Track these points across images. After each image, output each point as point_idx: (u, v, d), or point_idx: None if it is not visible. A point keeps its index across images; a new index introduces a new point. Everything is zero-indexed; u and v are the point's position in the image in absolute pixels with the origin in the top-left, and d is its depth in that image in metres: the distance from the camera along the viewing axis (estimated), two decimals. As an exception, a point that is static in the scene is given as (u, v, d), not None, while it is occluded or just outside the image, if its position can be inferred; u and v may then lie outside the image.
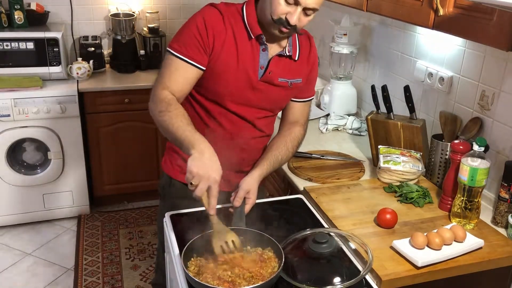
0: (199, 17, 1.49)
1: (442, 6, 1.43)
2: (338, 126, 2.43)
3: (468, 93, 1.87)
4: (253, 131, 1.65)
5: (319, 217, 1.61)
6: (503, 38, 1.24)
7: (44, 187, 3.18)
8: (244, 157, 1.66)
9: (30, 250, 3.01)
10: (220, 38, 1.49)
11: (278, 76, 1.56)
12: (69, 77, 3.21)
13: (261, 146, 1.72)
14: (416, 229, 1.55)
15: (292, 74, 1.59)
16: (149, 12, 3.60)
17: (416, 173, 1.82)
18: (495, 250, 1.46)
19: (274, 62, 1.54)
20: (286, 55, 1.56)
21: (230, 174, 1.60)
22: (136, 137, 3.34)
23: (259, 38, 1.51)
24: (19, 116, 2.96)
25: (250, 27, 1.51)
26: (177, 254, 1.38)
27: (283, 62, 1.57)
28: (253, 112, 1.61)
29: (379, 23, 2.44)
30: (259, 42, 1.52)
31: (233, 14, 1.52)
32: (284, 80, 1.57)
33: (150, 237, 3.19)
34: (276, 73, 1.55)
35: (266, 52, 1.53)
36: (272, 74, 1.54)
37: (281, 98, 1.64)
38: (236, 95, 1.55)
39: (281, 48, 1.56)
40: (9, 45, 3.00)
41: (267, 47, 1.53)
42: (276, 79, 1.56)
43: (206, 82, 1.54)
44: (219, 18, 1.49)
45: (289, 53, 1.56)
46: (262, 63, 1.53)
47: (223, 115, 1.59)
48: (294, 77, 1.60)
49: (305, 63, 1.63)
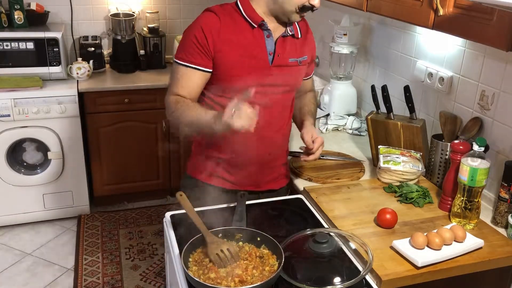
0: (197, 26, 1.56)
1: (442, 6, 1.43)
2: (338, 126, 2.43)
3: (468, 93, 1.87)
4: (275, 123, 1.69)
5: (319, 217, 1.61)
6: (503, 38, 1.24)
7: (44, 187, 3.18)
8: (270, 151, 1.71)
9: (30, 250, 3.01)
10: (221, 39, 1.54)
11: (288, 56, 1.63)
12: (69, 77, 3.21)
13: (282, 141, 1.78)
14: (416, 229, 1.55)
15: (298, 53, 1.66)
16: (149, 12, 3.60)
17: (416, 173, 1.82)
18: (495, 250, 1.46)
19: (279, 44, 1.61)
20: (289, 35, 1.63)
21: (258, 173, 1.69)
22: (136, 137, 3.34)
23: (262, 25, 1.57)
24: (19, 116, 2.96)
25: (250, 18, 1.57)
26: (177, 254, 1.39)
27: (288, 42, 1.63)
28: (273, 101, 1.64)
29: (379, 23, 2.44)
30: (262, 29, 1.58)
31: (229, 12, 1.58)
32: (293, 60, 1.65)
33: (150, 237, 3.19)
34: (285, 54, 1.62)
35: (271, 38, 1.60)
36: (281, 56, 1.61)
37: (295, 76, 1.70)
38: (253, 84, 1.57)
39: (283, 30, 1.63)
40: (9, 45, 3.00)
41: (271, 32, 1.59)
42: (287, 60, 1.63)
43: (220, 82, 1.60)
44: (215, 21, 1.55)
45: (291, 32, 1.64)
46: (269, 49, 1.59)
47: None
48: (301, 55, 1.67)
49: (306, 40, 1.71)
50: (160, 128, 3.37)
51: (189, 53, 1.56)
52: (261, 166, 1.71)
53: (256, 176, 1.71)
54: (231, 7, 1.59)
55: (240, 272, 1.26)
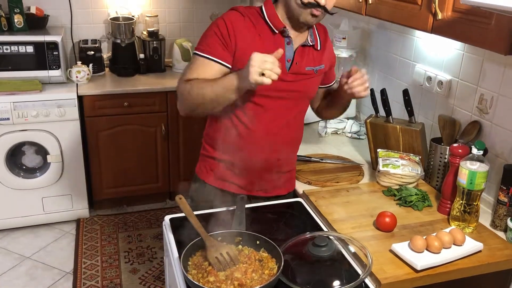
0: (220, 20, 1.56)
1: (441, 10, 1.44)
2: (337, 129, 2.43)
3: (466, 96, 1.88)
4: (286, 130, 1.68)
5: (319, 221, 1.61)
6: (502, 42, 1.25)
7: (43, 190, 3.17)
8: (279, 157, 1.70)
9: (29, 253, 3.01)
10: (243, 36, 1.54)
11: (305, 65, 1.63)
12: (69, 81, 3.21)
13: (292, 148, 1.78)
14: (415, 232, 1.55)
15: (315, 61, 1.67)
16: (149, 15, 3.61)
17: (415, 176, 1.82)
18: (494, 254, 1.46)
19: (299, 53, 1.61)
20: (309, 45, 1.63)
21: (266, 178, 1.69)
22: (135, 141, 3.34)
23: (283, 32, 1.58)
24: (18, 119, 2.96)
25: (272, 23, 1.57)
26: (176, 257, 1.38)
27: (306, 51, 1.63)
28: (286, 107, 1.65)
29: (378, 27, 2.45)
30: (283, 35, 1.58)
31: (254, 14, 1.58)
32: (310, 68, 1.65)
33: (149, 240, 3.19)
34: (302, 62, 1.62)
35: (291, 45, 1.60)
36: (299, 64, 1.61)
37: (310, 85, 1.70)
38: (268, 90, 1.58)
39: (304, 39, 1.63)
40: (8, 49, 3.01)
41: (291, 40, 1.59)
42: (303, 68, 1.63)
43: None
44: (240, 19, 1.55)
45: (312, 43, 1.64)
46: (288, 56, 1.59)
47: (258, 115, 1.62)
48: (318, 64, 1.68)
49: (325, 50, 1.71)
50: (159, 131, 3.37)
51: (209, 44, 1.54)
52: (270, 172, 1.70)
53: (264, 181, 1.71)
54: (255, 11, 1.59)
55: (239, 276, 1.26)
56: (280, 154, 1.70)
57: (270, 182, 1.73)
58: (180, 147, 3.48)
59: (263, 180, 1.70)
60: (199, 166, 1.80)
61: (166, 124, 3.37)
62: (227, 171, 1.69)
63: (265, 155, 1.63)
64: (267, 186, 1.73)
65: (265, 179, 1.70)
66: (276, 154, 1.68)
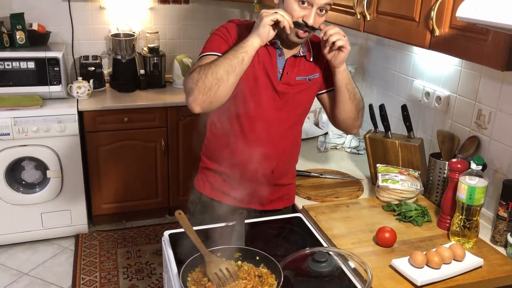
0: (221, 27, 1.62)
1: (438, 26, 1.45)
2: (336, 144, 2.44)
3: (465, 112, 1.89)
4: (280, 141, 1.69)
5: (318, 236, 1.61)
6: (498, 58, 1.26)
7: (42, 206, 3.17)
8: (273, 169, 1.70)
9: (27, 269, 2.99)
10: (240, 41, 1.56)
11: (296, 75, 1.64)
12: (69, 96, 3.23)
13: (288, 160, 1.77)
14: (415, 248, 1.55)
15: (307, 71, 1.67)
16: (149, 32, 3.64)
17: (415, 191, 1.82)
18: (494, 269, 1.46)
19: (289, 63, 1.63)
20: (300, 56, 1.65)
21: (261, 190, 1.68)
22: (135, 156, 3.35)
23: (274, 43, 1.59)
24: (18, 134, 2.97)
25: None
26: (176, 273, 1.38)
27: (298, 62, 1.65)
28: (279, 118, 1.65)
29: (376, 43, 2.48)
30: (275, 47, 1.60)
31: (248, 27, 1.61)
32: (301, 78, 1.65)
33: (148, 256, 3.17)
34: (293, 72, 1.63)
35: (283, 57, 1.62)
36: (289, 74, 1.63)
37: (303, 95, 1.69)
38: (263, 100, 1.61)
39: (296, 50, 1.65)
40: (10, 65, 3.03)
41: (283, 51, 1.62)
42: (294, 78, 1.64)
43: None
44: (237, 29, 1.61)
45: (303, 54, 1.65)
46: (279, 67, 1.62)
47: (251, 126, 1.63)
48: (311, 73, 1.68)
49: (319, 59, 1.69)
50: (159, 147, 3.38)
51: (213, 45, 1.58)
52: (264, 184, 1.69)
53: (260, 193, 1.70)
54: (249, 24, 1.63)
55: (238, 292, 1.26)
56: (274, 166, 1.70)
57: (265, 195, 1.72)
58: (180, 162, 3.48)
59: (258, 193, 1.70)
60: (197, 178, 1.82)
61: (166, 139, 3.38)
62: (223, 183, 1.70)
63: (259, 167, 1.63)
64: (263, 199, 1.73)
65: (261, 192, 1.70)
66: (270, 166, 1.68)
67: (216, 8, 3.82)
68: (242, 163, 1.63)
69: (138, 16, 3.65)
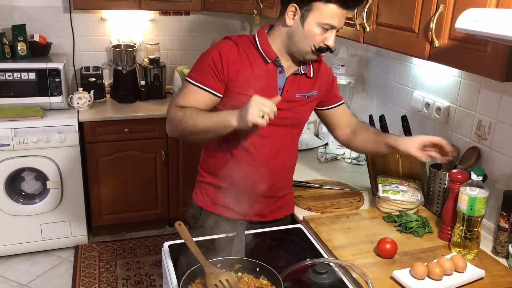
0: (215, 50, 1.59)
1: (437, 38, 1.46)
2: (336, 155, 2.44)
3: (465, 122, 1.89)
4: (281, 155, 1.70)
5: (319, 247, 1.60)
6: (498, 69, 1.27)
7: (42, 217, 3.16)
8: (275, 182, 1.71)
9: (26, 281, 2.97)
10: (235, 66, 1.57)
11: (295, 92, 1.65)
12: (70, 107, 3.23)
13: (287, 173, 1.79)
14: (416, 259, 1.54)
15: (307, 88, 1.68)
16: (150, 43, 3.66)
17: (415, 202, 1.82)
18: (496, 281, 1.45)
19: (290, 81, 1.64)
20: (301, 73, 1.66)
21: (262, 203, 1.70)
22: (135, 167, 3.34)
23: (275, 61, 1.60)
24: (19, 145, 2.97)
25: (265, 53, 1.60)
26: (175, 284, 1.37)
27: (298, 79, 1.66)
28: (280, 133, 1.66)
29: (376, 54, 2.49)
30: (276, 65, 1.60)
31: (247, 44, 1.61)
32: (301, 95, 1.67)
33: (147, 267, 3.15)
34: (293, 90, 1.64)
35: (283, 74, 1.62)
36: (289, 92, 1.64)
37: (302, 111, 1.72)
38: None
39: (296, 68, 1.65)
40: (11, 76, 3.04)
41: (284, 69, 1.62)
42: (294, 95, 1.65)
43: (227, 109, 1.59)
44: (234, 49, 1.59)
45: (304, 72, 1.66)
46: (280, 85, 1.62)
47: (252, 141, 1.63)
48: (310, 91, 1.69)
49: (318, 77, 1.71)
50: (159, 157, 3.38)
51: (203, 74, 1.57)
52: (265, 197, 1.71)
53: (260, 206, 1.71)
54: (249, 40, 1.62)
55: (239, 303, 1.25)
56: (275, 179, 1.70)
57: (266, 207, 1.73)
58: (180, 173, 3.47)
59: (259, 205, 1.70)
60: (195, 191, 1.81)
61: (166, 150, 3.38)
62: (223, 197, 1.69)
63: (260, 181, 1.63)
64: (264, 211, 1.74)
65: (261, 204, 1.70)
66: (271, 179, 1.68)
67: (216, 19, 3.84)
68: (242, 179, 1.63)
69: (139, 27, 3.67)
